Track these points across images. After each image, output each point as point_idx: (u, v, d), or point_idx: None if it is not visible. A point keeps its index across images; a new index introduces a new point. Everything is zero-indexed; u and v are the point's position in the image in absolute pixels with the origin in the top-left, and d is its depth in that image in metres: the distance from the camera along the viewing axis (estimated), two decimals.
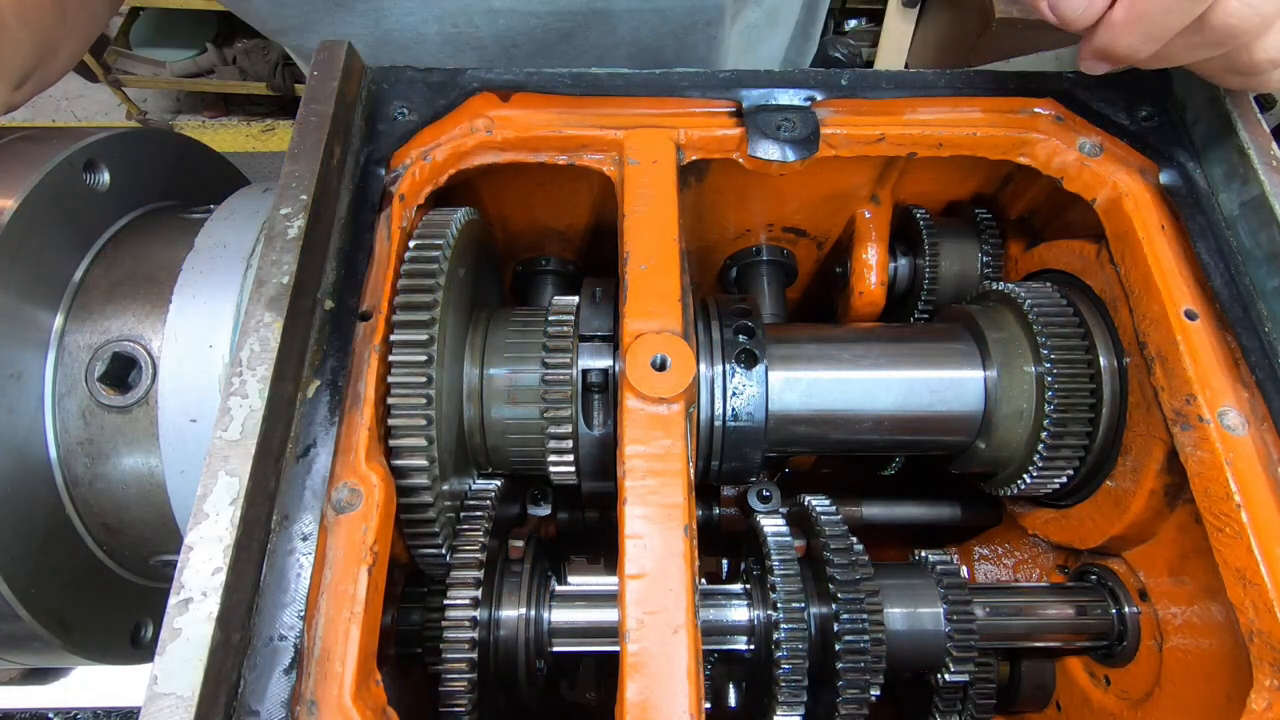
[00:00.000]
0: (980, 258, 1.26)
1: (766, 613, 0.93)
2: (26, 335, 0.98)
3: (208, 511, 0.68)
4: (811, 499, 1.03)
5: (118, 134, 1.13)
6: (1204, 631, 0.90)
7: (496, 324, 1.03)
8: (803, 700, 0.88)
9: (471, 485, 1.01)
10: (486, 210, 1.20)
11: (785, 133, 1.01)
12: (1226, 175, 0.95)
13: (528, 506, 1.22)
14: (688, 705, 0.68)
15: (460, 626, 0.86)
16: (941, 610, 0.99)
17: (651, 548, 0.75)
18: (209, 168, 1.35)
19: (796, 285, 1.41)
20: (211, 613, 0.64)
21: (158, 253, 1.08)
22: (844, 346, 1.09)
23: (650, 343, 0.84)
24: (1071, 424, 0.99)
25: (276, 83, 4.96)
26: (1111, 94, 1.03)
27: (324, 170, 0.88)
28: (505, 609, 0.93)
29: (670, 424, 0.81)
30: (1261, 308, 0.88)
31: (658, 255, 0.91)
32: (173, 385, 0.98)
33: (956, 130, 1.03)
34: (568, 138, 1.01)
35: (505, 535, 1.00)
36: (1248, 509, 0.77)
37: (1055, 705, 1.15)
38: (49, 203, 1.00)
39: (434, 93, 1.01)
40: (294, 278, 0.79)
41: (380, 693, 0.72)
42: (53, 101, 5.73)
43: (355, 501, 0.76)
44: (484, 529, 0.92)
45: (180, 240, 1.07)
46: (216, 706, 0.64)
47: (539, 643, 0.94)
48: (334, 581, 0.73)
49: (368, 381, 0.82)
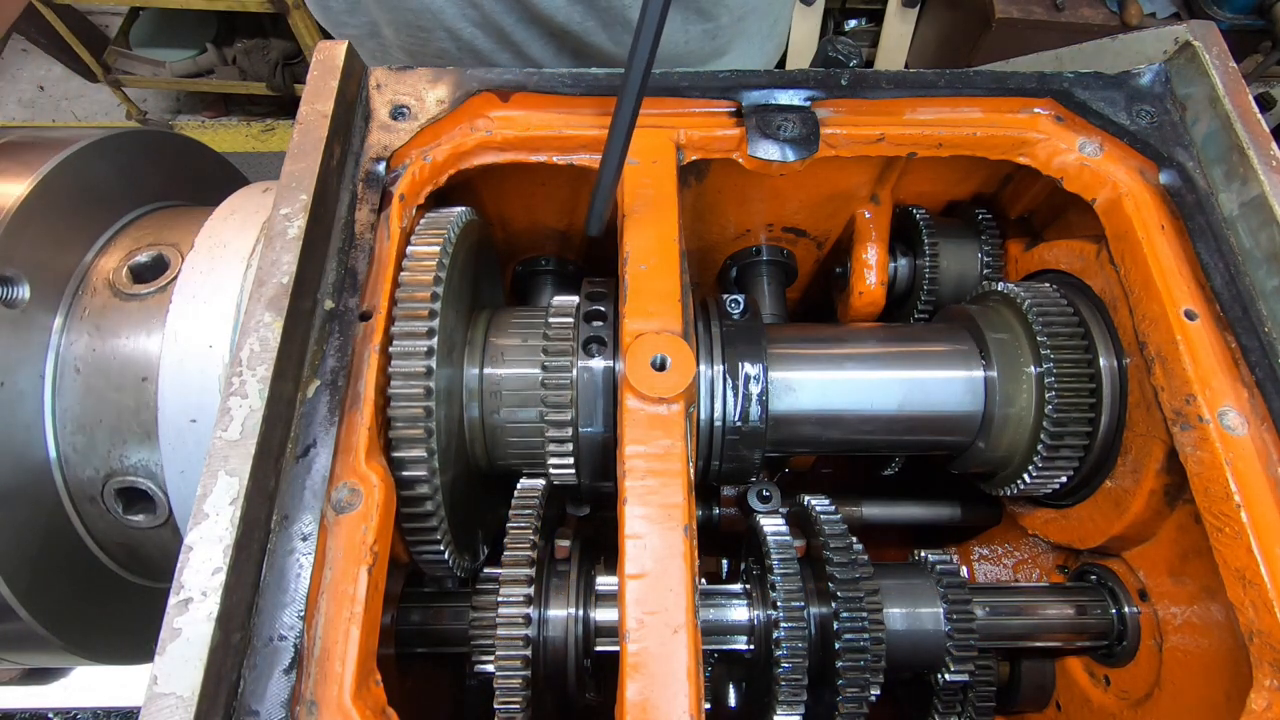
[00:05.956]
0: (980, 258, 1.26)
1: (766, 613, 0.93)
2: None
3: (208, 511, 0.68)
4: (811, 499, 1.03)
5: (117, 134, 1.13)
6: (1204, 631, 0.90)
7: (496, 324, 1.03)
8: (803, 700, 0.88)
9: (519, 484, 1.01)
10: (486, 210, 1.20)
11: (785, 133, 1.00)
12: (1226, 175, 0.95)
13: (567, 506, 1.22)
14: (688, 705, 0.68)
15: (515, 623, 0.86)
16: (941, 610, 0.99)
17: (651, 548, 0.75)
18: (209, 168, 1.35)
19: (796, 285, 1.41)
20: (211, 613, 0.64)
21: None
22: (844, 346, 1.09)
23: (650, 343, 0.84)
24: (1071, 424, 0.99)
25: (276, 83, 4.95)
26: (1111, 94, 1.03)
27: (324, 170, 0.88)
28: (553, 608, 0.93)
29: (670, 424, 0.81)
30: (1261, 308, 0.88)
31: (658, 255, 0.91)
32: (173, 385, 0.98)
33: (956, 130, 1.03)
34: (568, 138, 1.01)
35: (550, 535, 1.00)
36: (1248, 509, 0.77)
37: (1055, 705, 1.15)
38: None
39: (434, 93, 1.01)
40: (294, 278, 0.79)
41: (380, 693, 0.72)
42: (53, 101, 5.73)
43: (355, 501, 0.76)
44: (534, 527, 0.92)
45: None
46: (216, 706, 0.64)
47: (587, 642, 0.93)
48: (334, 581, 0.73)
49: (368, 381, 0.82)
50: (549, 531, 0.99)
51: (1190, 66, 1.01)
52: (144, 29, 5.26)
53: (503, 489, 1.09)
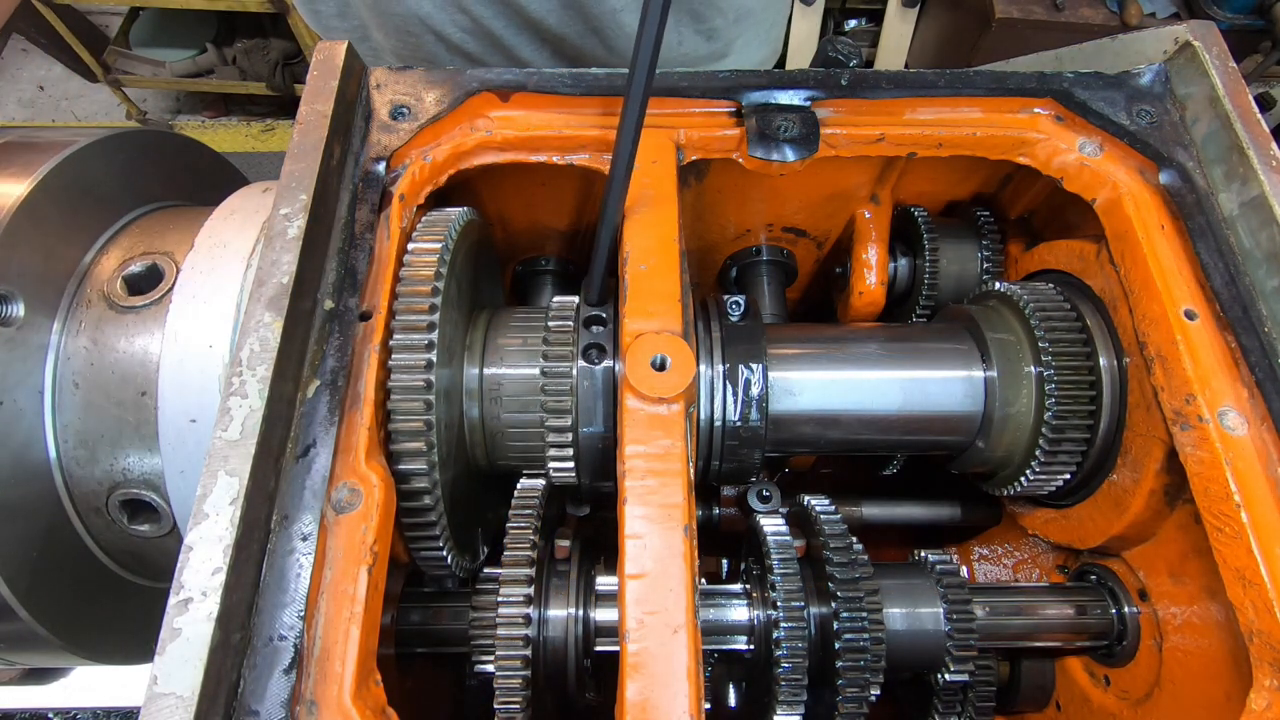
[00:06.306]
0: (980, 258, 1.26)
1: (766, 612, 0.93)
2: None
3: (208, 511, 0.68)
4: (811, 499, 1.03)
5: (116, 134, 1.13)
6: (1204, 631, 0.90)
7: (496, 324, 1.03)
8: (803, 700, 0.88)
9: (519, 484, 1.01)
10: (486, 210, 1.20)
11: (785, 133, 1.00)
12: (1226, 175, 0.95)
13: (567, 506, 1.22)
14: (688, 705, 0.68)
15: (515, 623, 0.86)
16: (941, 610, 0.99)
17: (651, 548, 0.75)
18: (209, 168, 1.35)
19: (796, 285, 1.41)
20: (211, 613, 0.64)
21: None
22: (844, 346, 1.09)
23: (650, 343, 0.84)
24: (1071, 424, 0.99)
25: (276, 83, 4.95)
26: (1111, 94, 1.03)
27: (324, 170, 0.87)
28: (553, 608, 0.93)
29: (670, 424, 0.81)
30: (1261, 308, 0.88)
31: (658, 255, 0.91)
32: (173, 385, 0.98)
33: (956, 130, 1.03)
34: (567, 138, 1.01)
35: (549, 534, 1.00)
36: (1247, 509, 0.77)
37: (1055, 705, 1.15)
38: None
39: (434, 93, 1.01)
40: (294, 278, 0.79)
41: (380, 693, 0.72)
42: (52, 101, 5.73)
43: (355, 501, 0.76)
44: (534, 527, 0.92)
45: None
46: (216, 706, 0.64)
47: (586, 642, 0.93)
48: (334, 581, 0.72)
49: (368, 381, 0.82)
50: (549, 531, 0.99)
51: (1190, 66, 1.01)
52: (144, 29, 5.26)
53: (503, 489, 1.09)
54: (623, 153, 0.82)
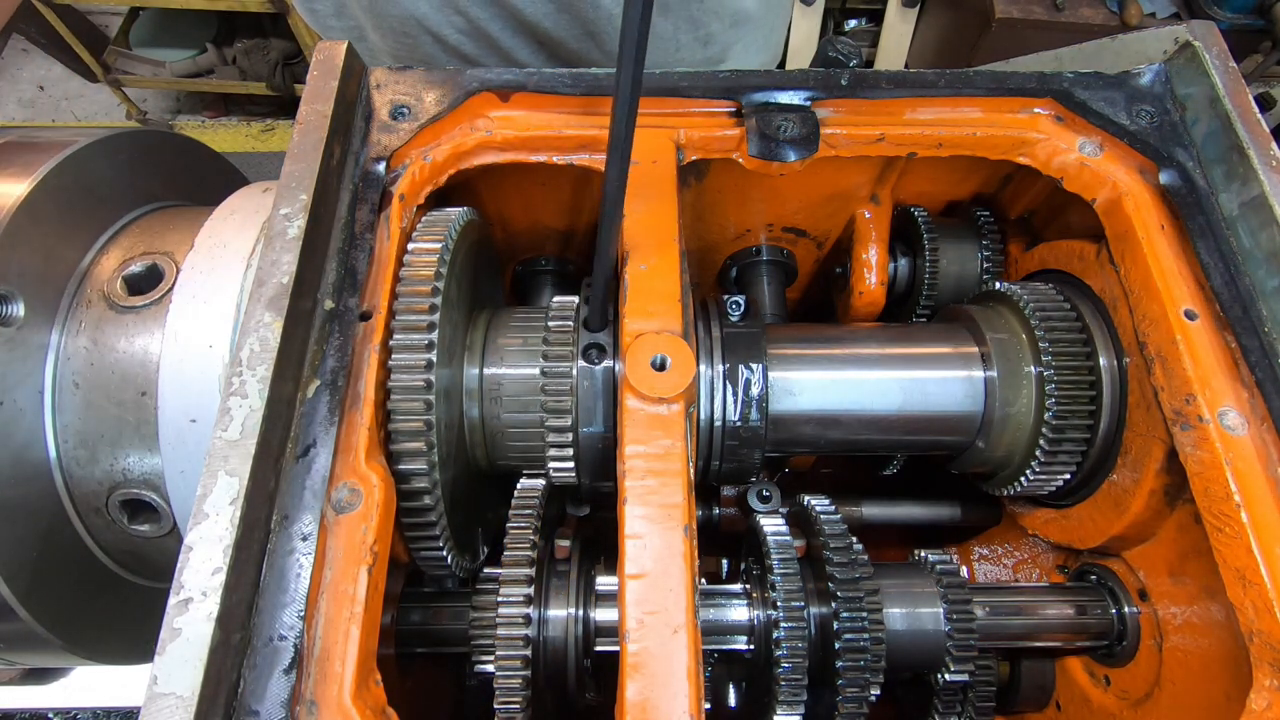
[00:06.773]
0: (980, 258, 1.26)
1: (766, 612, 0.93)
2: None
3: (208, 511, 0.68)
4: (811, 499, 1.03)
5: (116, 134, 1.13)
6: (1204, 631, 0.90)
7: (496, 324, 1.03)
8: (803, 700, 0.88)
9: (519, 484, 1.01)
10: (486, 210, 1.20)
11: (785, 133, 1.00)
12: (1226, 175, 0.95)
13: (567, 506, 1.22)
14: (688, 705, 0.68)
15: (515, 623, 0.86)
16: (941, 610, 0.99)
17: (651, 548, 0.75)
18: (209, 168, 1.35)
19: (796, 285, 1.41)
20: (211, 613, 0.64)
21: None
22: (844, 347, 1.09)
23: (650, 343, 0.84)
24: (1071, 424, 0.99)
25: (276, 83, 4.95)
26: (1111, 94, 1.03)
27: (324, 170, 0.87)
28: (553, 608, 0.93)
29: (670, 424, 0.81)
30: (1261, 308, 0.88)
31: (658, 255, 0.91)
32: (173, 385, 0.98)
33: (956, 130, 1.03)
34: (567, 138, 1.01)
35: (549, 534, 1.00)
36: (1248, 509, 0.77)
37: (1055, 705, 1.15)
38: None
39: (434, 93, 1.01)
40: (294, 278, 0.79)
41: (380, 693, 0.72)
42: (52, 101, 5.73)
43: (355, 501, 0.76)
44: (534, 527, 0.92)
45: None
46: (216, 706, 0.64)
47: (586, 642, 0.93)
48: (334, 581, 0.72)
49: (368, 381, 0.82)
50: (549, 531, 0.99)
51: (1190, 66, 1.01)
52: (144, 29, 5.26)
53: (503, 489, 1.09)
54: (613, 173, 0.79)
